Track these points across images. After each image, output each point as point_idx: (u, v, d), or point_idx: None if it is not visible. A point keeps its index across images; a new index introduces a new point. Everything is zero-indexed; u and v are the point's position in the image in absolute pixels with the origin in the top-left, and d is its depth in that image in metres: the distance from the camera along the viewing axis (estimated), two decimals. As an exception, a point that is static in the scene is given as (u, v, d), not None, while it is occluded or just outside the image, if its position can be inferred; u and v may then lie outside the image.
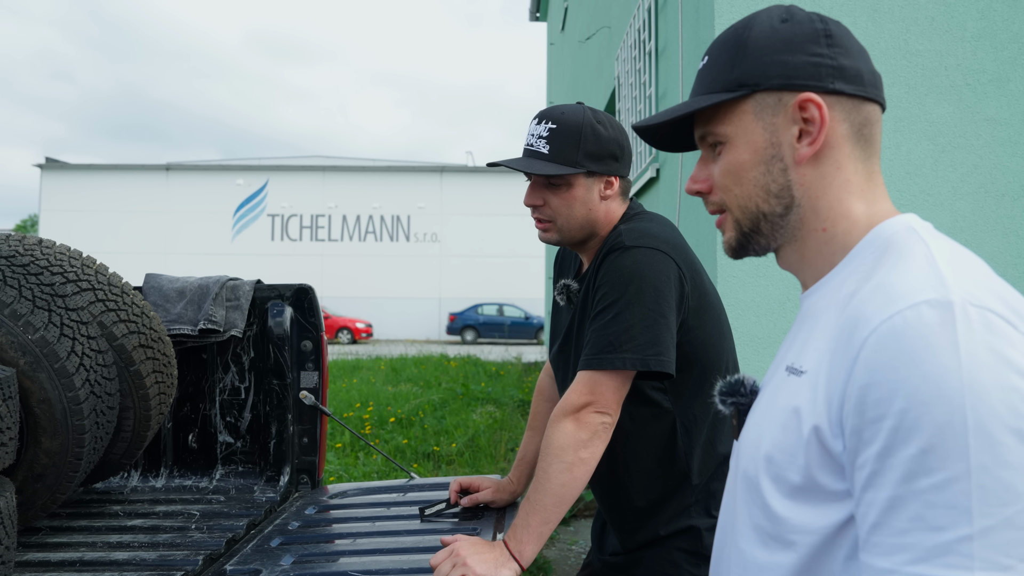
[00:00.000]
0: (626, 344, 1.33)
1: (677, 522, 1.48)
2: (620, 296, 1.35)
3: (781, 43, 0.79)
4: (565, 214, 1.47)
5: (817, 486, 0.70)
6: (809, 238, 0.81)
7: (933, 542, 0.59)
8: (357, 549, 1.59)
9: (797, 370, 0.75)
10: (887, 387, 0.62)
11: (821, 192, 0.79)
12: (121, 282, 1.91)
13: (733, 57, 0.81)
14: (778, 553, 0.73)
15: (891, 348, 0.63)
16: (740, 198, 0.82)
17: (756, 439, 0.78)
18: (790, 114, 0.78)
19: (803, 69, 0.77)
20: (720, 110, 0.82)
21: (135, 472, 2.29)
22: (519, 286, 28.41)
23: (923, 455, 0.60)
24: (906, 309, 0.64)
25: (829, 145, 0.78)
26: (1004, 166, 2.83)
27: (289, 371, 2.25)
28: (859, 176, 0.79)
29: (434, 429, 6.12)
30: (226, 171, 29.58)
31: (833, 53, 0.78)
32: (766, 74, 0.79)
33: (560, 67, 11.43)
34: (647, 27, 4.07)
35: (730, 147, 0.82)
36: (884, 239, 0.75)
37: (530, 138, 1.46)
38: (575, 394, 1.36)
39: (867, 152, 0.79)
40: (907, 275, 0.67)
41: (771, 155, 0.80)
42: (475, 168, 29.99)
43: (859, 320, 0.67)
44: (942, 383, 0.60)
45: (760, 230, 0.83)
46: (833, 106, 0.77)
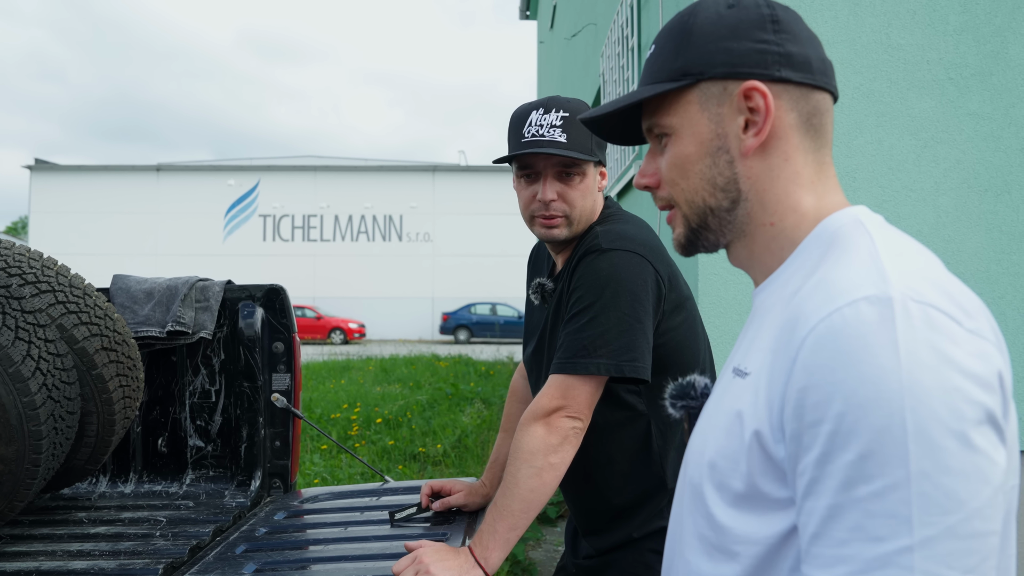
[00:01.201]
0: (601, 349, 1.30)
1: (650, 524, 1.46)
2: (596, 300, 1.32)
3: (726, 29, 0.75)
4: (580, 206, 1.43)
5: (760, 494, 0.66)
6: (757, 233, 0.77)
7: (873, 554, 0.56)
8: (323, 556, 1.55)
9: (742, 372, 0.72)
10: (824, 389, 0.59)
11: (768, 185, 0.75)
12: (84, 284, 1.86)
13: (678, 45, 0.78)
14: (722, 564, 0.70)
15: (829, 348, 0.59)
16: (686, 192, 0.79)
17: (701, 445, 0.75)
18: (735, 104, 0.75)
19: (748, 56, 0.74)
20: (665, 100, 0.79)
21: (104, 477, 2.24)
22: (512, 285, 28.38)
23: (861, 461, 0.57)
24: (844, 306, 0.60)
25: (776, 136, 0.74)
26: (987, 161, 2.80)
27: (260, 373, 2.20)
28: (808, 168, 0.75)
29: (421, 430, 6.08)
30: (217, 172, 29.47)
31: (780, 39, 0.74)
32: (710, 62, 0.75)
33: (550, 65, 11.40)
34: (630, 23, 4.03)
35: (676, 139, 0.79)
36: (830, 232, 0.72)
37: (538, 128, 1.39)
38: (546, 398, 1.32)
39: (817, 143, 0.76)
40: (848, 270, 0.64)
41: (717, 147, 0.76)
42: (468, 167, 29.95)
43: (799, 319, 0.64)
44: (880, 384, 0.57)
45: (708, 225, 0.79)
46: (780, 95, 0.74)
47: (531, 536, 4.11)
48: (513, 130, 1.45)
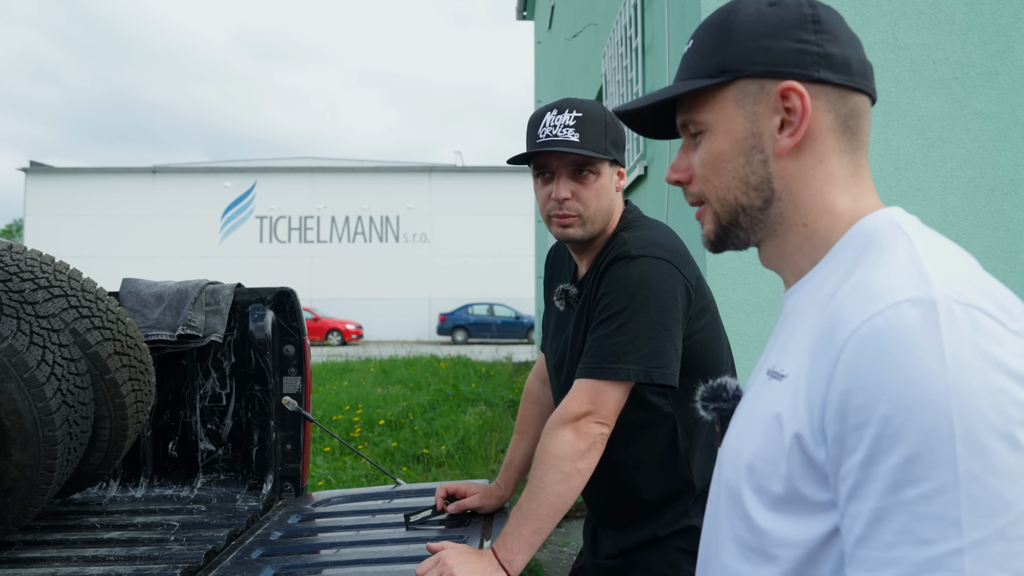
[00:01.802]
0: (630, 355, 1.30)
1: (677, 523, 1.47)
2: (626, 306, 1.32)
3: (766, 28, 0.74)
4: (595, 205, 1.43)
5: (800, 497, 0.66)
6: (790, 233, 0.77)
7: (921, 556, 0.56)
8: (340, 560, 1.55)
9: (778, 374, 0.71)
10: (869, 392, 0.59)
11: (803, 186, 0.75)
12: (96, 288, 1.85)
13: (717, 41, 0.77)
14: (761, 567, 0.70)
15: (872, 350, 0.59)
16: (719, 189, 0.79)
17: (737, 447, 0.74)
18: (772, 103, 0.74)
19: (787, 56, 0.73)
20: (701, 97, 0.79)
21: (114, 482, 2.23)
22: (509, 286, 28.38)
23: (908, 464, 0.56)
24: (887, 309, 0.60)
25: (812, 137, 0.74)
26: (994, 160, 2.81)
27: (271, 376, 2.20)
28: (844, 169, 0.75)
29: (424, 431, 6.07)
30: (213, 173, 29.42)
31: (820, 40, 0.74)
32: (749, 60, 0.75)
33: (547, 65, 11.39)
34: (633, 23, 4.03)
35: (710, 135, 0.78)
36: (866, 234, 0.71)
37: (552, 128, 1.40)
38: (575, 402, 1.32)
39: (853, 145, 0.75)
40: (888, 272, 0.64)
41: (751, 145, 0.76)
42: (464, 168, 29.95)
43: (839, 321, 0.63)
44: (926, 387, 0.56)
45: (739, 223, 0.79)
46: (818, 96, 0.73)
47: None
48: (529, 132, 1.46)
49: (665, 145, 3.48)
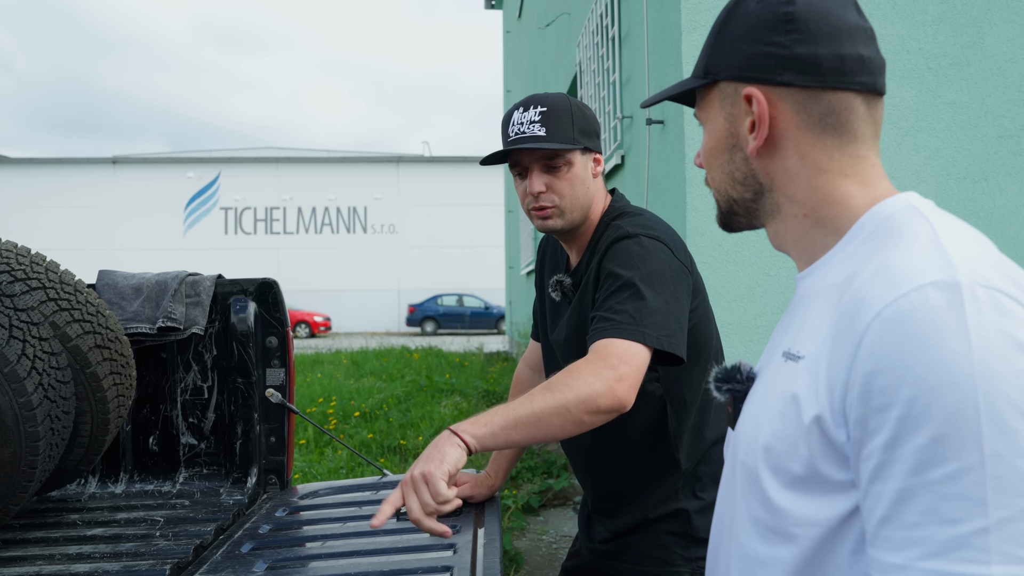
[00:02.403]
0: (646, 319, 1.27)
1: (666, 505, 1.48)
2: (632, 277, 1.33)
3: (744, 30, 0.77)
4: (570, 195, 1.45)
5: (820, 476, 0.67)
6: (790, 222, 0.79)
7: (947, 535, 0.56)
8: (334, 552, 1.54)
9: (794, 355, 0.72)
10: (893, 374, 0.59)
11: (788, 180, 0.77)
12: (74, 280, 1.81)
13: (710, 41, 0.81)
14: (779, 547, 0.71)
15: (897, 333, 0.60)
16: (715, 180, 0.84)
17: (754, 428, 0.75)
18: (742, 106, 0.77)
19: (754, 60, 0.76)
20: (700, 93, 0.83)
21: (92, 478, 2.19)
22: (478, 276, 28.35)
23: (934, 445, 0.57)
24: (911, 292, 0.61)
25: (782, 137, 0.76)
26: (965, 149, 2.87)
27: (254, 368, 2.16)
28: (837, 162, 0.75)
29: (399, 422, 6.05)
30: (176, 164, 28.89)
31: (789, 41, 0.74)
32: (726, 64, 0.78)
33: (517, 55, 11.36)
34: (610, 12, 4.03)
35: (705, 131, 0.83)
36: (883, 219, 0.72)
37: (519, 126, 1.43)
38: (618, 359, 1.22)
39: (842, 140, 0.75)
40: (910, 256, 0.65)
41: (731, 144, 0.80)
42: (432, 158, 29.79)
43: (861, 304, 0.64)
44: (952, 368, 0.57)
45: (735, 211, 0.83)
46: (784, 98, 0.75)
47: (515, 526, 4.12)
48: (502, 132, 1.49)
49: (643, 135, 3.49)
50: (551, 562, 3.78)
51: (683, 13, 2.80)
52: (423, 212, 29.08)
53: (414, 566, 1.41)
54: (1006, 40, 2.88)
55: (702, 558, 1.47)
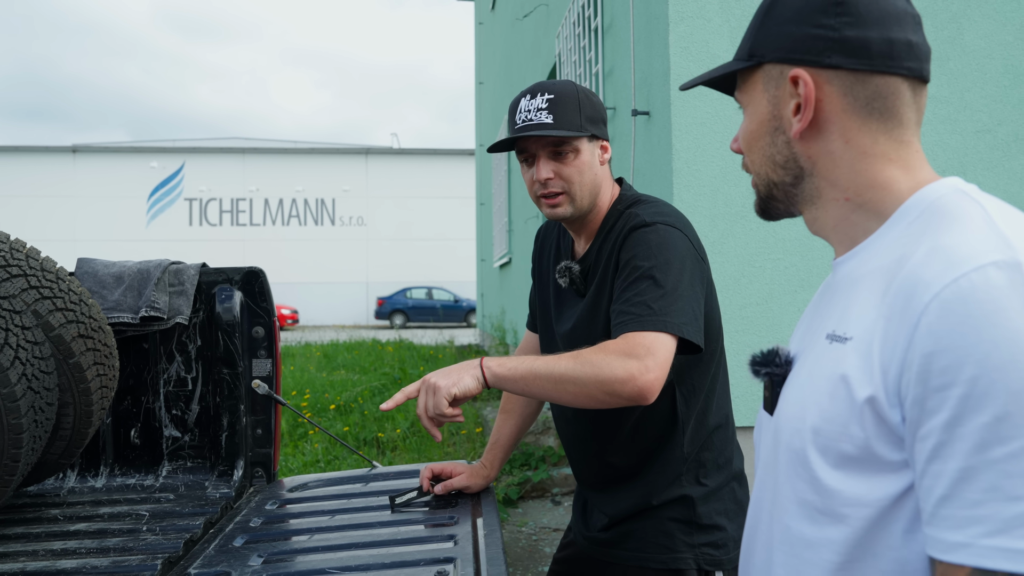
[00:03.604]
0: (669, 310, 1.29)
1: (669, 492, 1.48)
2: (652, 265, 1.34)
3: (792, 13, 0.77)
4: (578, 181, 1.45)
5: (873, 456, 0.67)
6: (830, 207, 0.79)
7: (1011, 512, 0.57)
8: (330, 544, 1.51)
9: (841, 337, 0.72)
10: (955, 353, 0.60)
11: (832, 165, 0.77)
12: (56, 267, 1.75)
13: (756, 24, 0.81)
14: (828, 528, 0.71)
15: (958, 313, 0.60)
16: (755, 164, 0.84)
17: (799, 411, 0.75)
18: (788, 88, 0.78)
19: (802, 43, 0.76)
20: (742, 76, 0.84)
21: (71, 472, 2.12)
22: (448, 269, 28.27)
23: (997, 423, 0.58)
24: (971, 272, 0.61)
25: (828, 120, 0.76)
26: (944, 143, 2.91)
27: (240, 359, 2.12)
28: (882, 147, 0.76)
29: (374, 415, 6.00)
30: (139, 153, 28.30)
31: (839, 24, 0.74)
32: (772, 46, 0.79)
33: (490, 47, 11.31)
34: (592, 3, 4.02)
35: (746, 114, 0.84)
36: (929, 203, 0.72)
37: (526, 114, 1.44)
38: (645, 350, 1.25)
39: (888, 124, 0.76)
40: (966, 237, 0.65)
41: (774, 127, 0.80)
42: (401, 150, 29.59)
43: (917, 285, 0.64)
44: (1016, 347, 0.58)
45: (775, 196, 0.83)
46: (831, 80, 0.76)
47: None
48: (509, 119, 1.49)
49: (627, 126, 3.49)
50: (531, 553, 3.78)
51: (670, 4, 2.80)
52: (392, 204, 28.89)
53: (416, 557, 1.39)
54: (984, 36, 2.93)
55: (705, 544, 1.46)
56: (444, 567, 1.33)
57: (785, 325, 2.83)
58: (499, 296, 10.03)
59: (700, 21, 2.83)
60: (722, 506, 1.49)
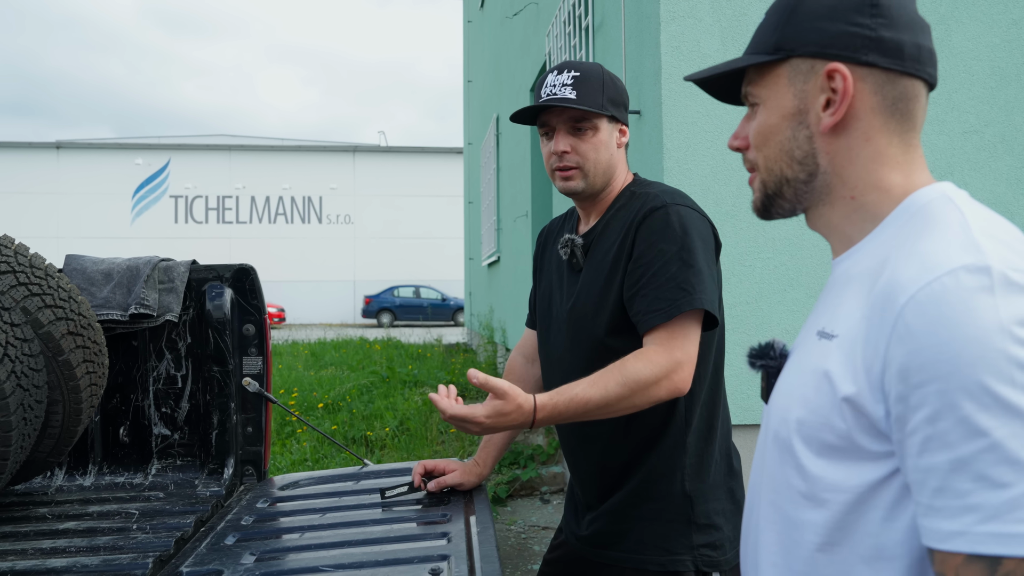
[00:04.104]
0: (696, 287, 1.36)
1: (669, 488, 1.46)
2: (677, 248, 1.38)
3: (825, 9, 0.79)
4: (593, 158, 1.49)
5: (854, 446, 0.71)
6: (837, 204, 0.82)
7: (1001, 499, 0.60)
8: (322, 542, 1.50)
9: (828, 334, 0.76)
10: (930, 352, 0.63)
11: (847, 162, 0.79)
12: (44, 264, 1.74)
13: (780, 20, 0.82)
14: (811, 511, 0.75)
15: (931, 314, 0.64)
16: (767, 159, 0.84)
17: (786, 402, 0.79)
18: (819, 82, 0.79)
19: (839, 39, 0.78)
20: (760, 71, 0.84)
21: (59, 471, 2.11)
22: (436, 268, 28.22)
23: (975, 416, 0.61)
24: (944, 275, 0.65)
25: (856, 116, 0.78)
26: (932, 144, 2.94)
27: (231, 357, 2.11)
28: (893, 148, 0.79)
29: (362, 414, 5.98)
30: (123, 149, 28.07)
31: (875, 24, 0.77)
32: (803, 40, 0.80)
33: (479, 45, 11.30)
34: (582, 2, 4.03)
35: (763, 108, 0.84)
36: (918, 208, 0.76)
37: (551, 88, 1.48)
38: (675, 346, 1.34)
39: (904, 126, 0.79)
40: (943, 242, 0.69)
41: (798, 121, 0.81)
42: (389, 148, 29.52)
43: (895, 287, 0.68)
44: (985, 345, 0.61)
45: (783, 193, 0.84)
46: (865, 78, 0.78)
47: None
48: (536, 93, 1.53)
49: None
50: (521, 552, 3.78)
51: (662, 3, 2.81)
52: (380, 203, 28.80)
53: (410, 555, 1.38)
54: (972, 38, 2.96)
55: (703, 545, 1.45)
56: (438, 564, 1.32)
57: (774, 324, 2.84)
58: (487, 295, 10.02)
59: (691, 21, 2.84)
60: (720, 506, 1.48)
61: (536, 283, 1.73)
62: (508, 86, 7.96)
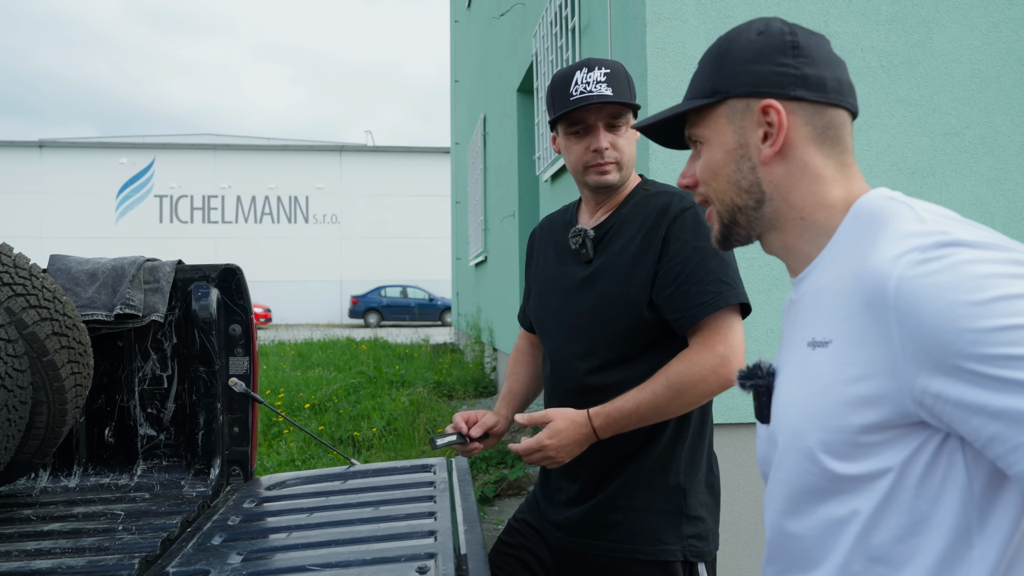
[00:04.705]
0: (735, 280, 1.45)
1: (665, 479, 1.50)
2: (710, 244, 1.43)
3: (752, 54, 0.87)
4: (628, 152, 1.55)
5: (875, 435, 0.75)
6: (788, 226, 0.89)
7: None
8: (310, 542, 1.50)
9: (821, 342, 0.81)
10: (932, 322, 0.69)
11: (791, 187, 0.87)
12: (29, 264, 1.73)
13: (713, 67, 0.90)
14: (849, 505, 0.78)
15: (917, 292, 0.70)
16: (718, 192, 0.92)
17: (796, 413, 0.84)
18: (756, 118, 0.87)
19: (768, 78, 0.86)
20: (700, 114, 0.92)
21: (43, 472, 2.09)
22: (423, 267, 28.18)
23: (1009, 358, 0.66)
24: (915, 253, 0.72)
25: (792, 146, 0.86)
26: (914, 145, 2.97)
27: (217, 357, 2.10)
28: (830, 170, 0.86)
29: (349, 414, 5.97)
30: (108, 148, 27.83)
31: (798, 63, 0.85)
32: (736, 82, 0.88)
33: (466, 44, 11.30)
34: (569, 3, 4.04)
35: (707, 147, 0.92)
36: (867, 213, 0.82)
37: (585, 85, 1.50)
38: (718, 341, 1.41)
39: (836, 150, 0.87)
40: (904, 229, 0.76)
41: (740, 155, 0.89)
42: (376, 148, 29.43)
43: (877, 279, 0.74)
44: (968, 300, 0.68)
45: (737, 221, 0.91)
46: (795, 111, 0.86)
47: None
48: (558, 92, 1.54)
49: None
50: (508, 551, 3.78)
51: (647, 5, 2.82)
52: (366, 202, 28.72)
53: (397, 554, 1.39)
54: (953, 40, 2.99)
55: (692, 536, 1.48)
56: (425, 563, 1.33)
57: (759, 323, 2.87)
58: (474, 295, 10.02)
59: (677, 23, 2.85)
60: (705, 499, 1.52)
61: (533, 277, 1.75)
62: (495, 86, 7.97)
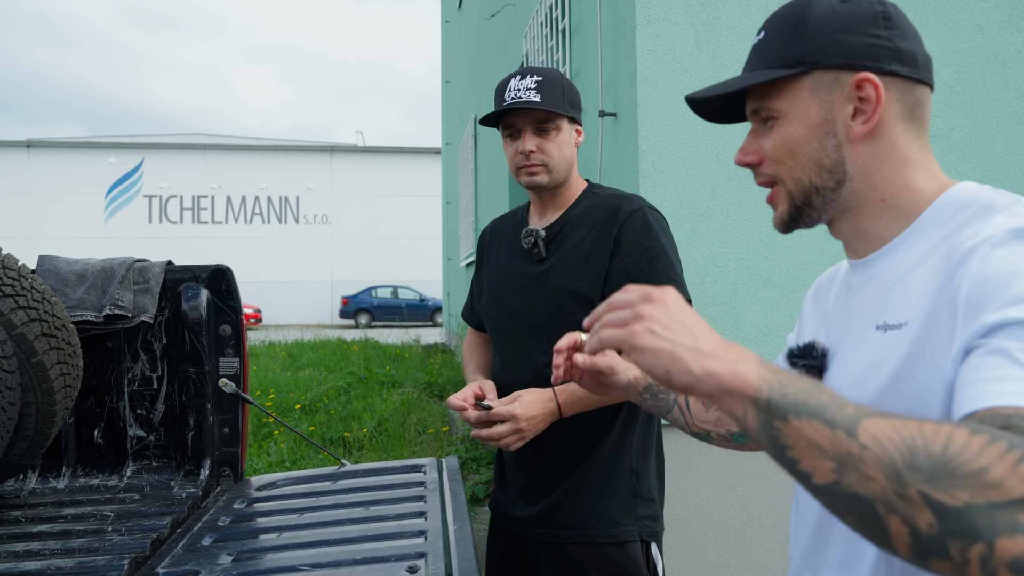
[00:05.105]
0: (682, 278, 1.55)
1: (619, 464, 1.56)
2: (657, 244, 1.55)
3: (841, 23, 0.81)
4: (557, 156, 1.61)
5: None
6: (866, 208, 0.84)
7: None
8: (300, 542, 1.51)
9: (895, 325, 0.77)
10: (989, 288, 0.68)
11: (876, 167, 0.83)
12: (17, 264, 1.72)
13: (792, 34, 0.84)
14: None
15: (993, 256, 0.70)
16: (794, 171, 0.85)
17: (860, 396, 0.78)
18: (846, 93, 0.81)
19: (862, 50, 0.81)
20: (776, 85, 0.85)
21: (32, 473, 2.09)
22: (413, 268, 28.15)
23: None
24: (1003, 234, 0.71)
25: (882, 124, 0.82)
26: (900, 146, 2.99)
27: (207, 358, 2.10)
28: (915, 152, 0.83)
29: (340, 415, 5.96)
30: (96, 148, 27.68)
31: (891, 35, 0.81)
32: (825, 52, 0.81)
33: (457, 45, 11.30)
34: (559, 4, 4.05)
35: (784, 122, 0.85)
36: (965, 199, 0.79)
37: (515, 92, 1.58)
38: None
39: (920, 130, 0.83)
40: (1012, 212, 0.74)
41: (825, 131, 0.83)
42: (367, 148, 29.38)
43: (965, 256, 0.72)
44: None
45: (812, 203, 0.86)
46: (888, 87, 0.81)
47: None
48: (497, 97, 1.63)
49: (595, 126, 3.52)
50: (499, 551, 3.79)
51: (637, 7, 2.84)
52: (357, 203, 28.66)
53: (387, 553, 1.40)
54: (939, 43, 3.02)
55: (646, 517, 1.57)
56: (415, 563, 1.34)
57: (748, 324, 2.88)
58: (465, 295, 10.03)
59: (666, 24, 2.87)
60: (655, 482, 1.61)
61: (483, 274, 1.81)
62: (486, 87, 7.97)
